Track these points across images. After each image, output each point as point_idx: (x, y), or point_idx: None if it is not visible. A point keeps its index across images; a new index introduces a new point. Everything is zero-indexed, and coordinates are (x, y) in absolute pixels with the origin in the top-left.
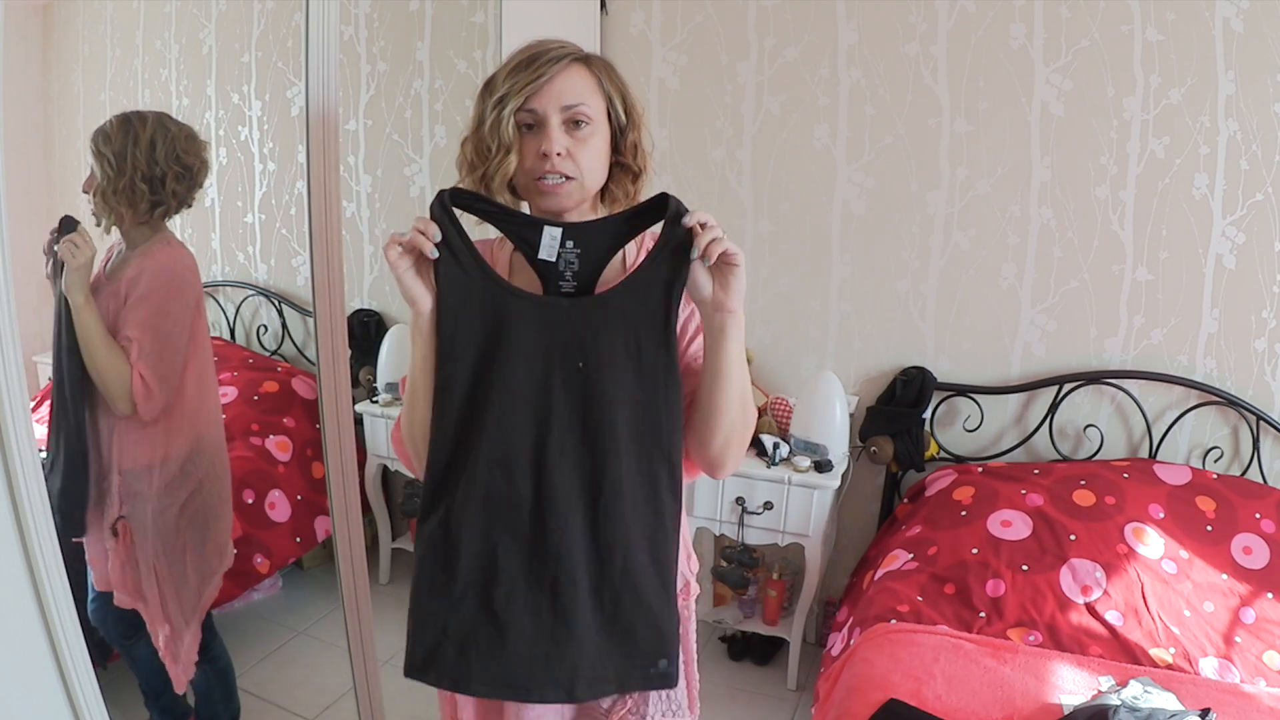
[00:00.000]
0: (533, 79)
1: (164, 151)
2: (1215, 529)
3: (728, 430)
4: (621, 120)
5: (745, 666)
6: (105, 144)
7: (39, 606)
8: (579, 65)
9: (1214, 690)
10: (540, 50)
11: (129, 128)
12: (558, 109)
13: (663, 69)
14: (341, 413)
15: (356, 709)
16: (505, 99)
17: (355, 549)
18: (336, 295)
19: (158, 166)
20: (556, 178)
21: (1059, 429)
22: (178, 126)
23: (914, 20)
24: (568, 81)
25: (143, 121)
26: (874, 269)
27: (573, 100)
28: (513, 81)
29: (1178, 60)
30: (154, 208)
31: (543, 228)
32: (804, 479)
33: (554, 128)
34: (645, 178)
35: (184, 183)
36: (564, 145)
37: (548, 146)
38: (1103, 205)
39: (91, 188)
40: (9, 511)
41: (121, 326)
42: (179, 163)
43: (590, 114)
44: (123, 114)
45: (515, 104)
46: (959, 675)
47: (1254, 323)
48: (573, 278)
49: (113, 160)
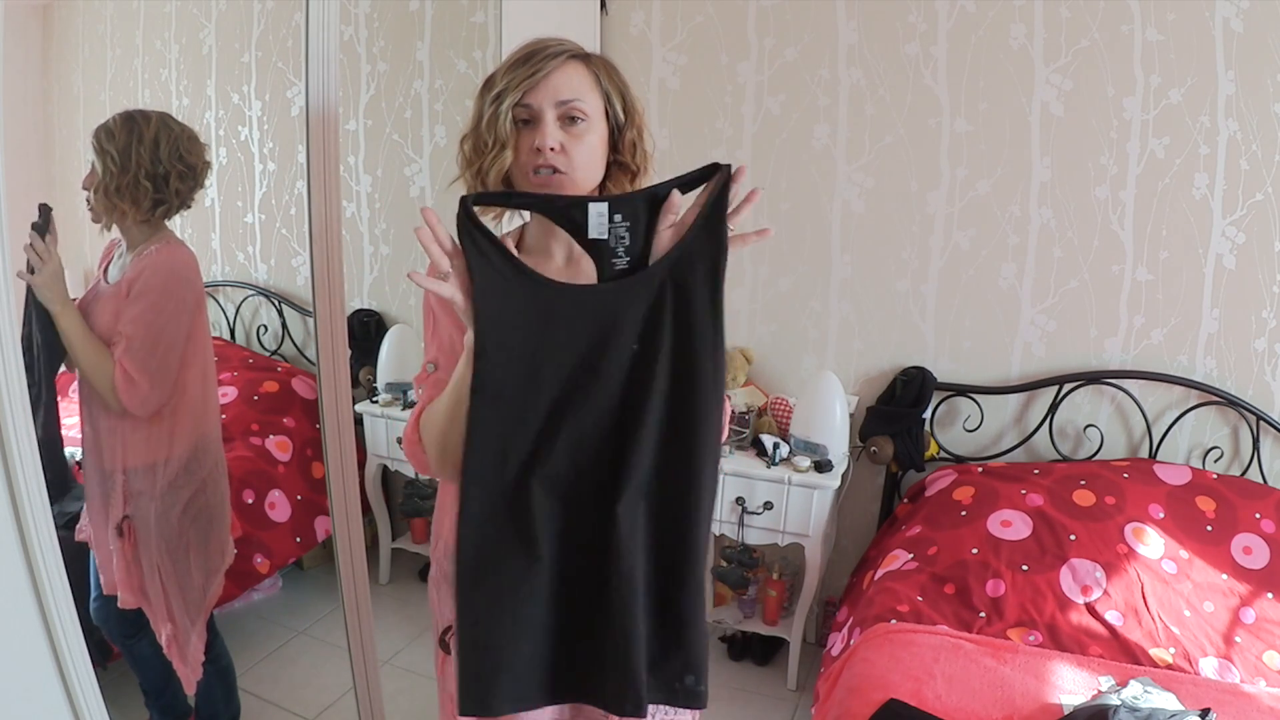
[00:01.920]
0: (529, 75)
1: (167, 150)
2: (1215, 529)
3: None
4: (620, 118)
5: (745, 666)
6: (109, 140)
7: (39, 606)
8: (577, 62)
9: (1214, 690)
10: (539, 47)
11: (133, 125)
12: (553, 104)
13: (663, 69)
14: (341, 413)
15: (356, 709)
16: (502, 95)
17: (355, 549)
18: (336, 295)
19: (161, 165)
20: (548, 171)
21: (1059, 429)
22: (180, 127)
23: (914, 20)
24: (564, 78)
25: (146, 120)
26: (874, 269)
27: (568, 95)
28: (510, 77)
29: (1178, 60)
30: (156, 206)
31: (587, 206)
32: (804, 479)
33: (548, 123)
34: (644, 177)
35: (187, 182)
36: (558, 140)
37: (541, 141)
38: (1103, 205)
39: (92, 184)
40: (9, 511)
41: (116, 322)
42: (182, 161)
43: (586, 110)
44: (126, 112)
45: (512, 99)
46: (959, 675)
47: (1254, 323)
48: (624, 252)
49: (116, 157)
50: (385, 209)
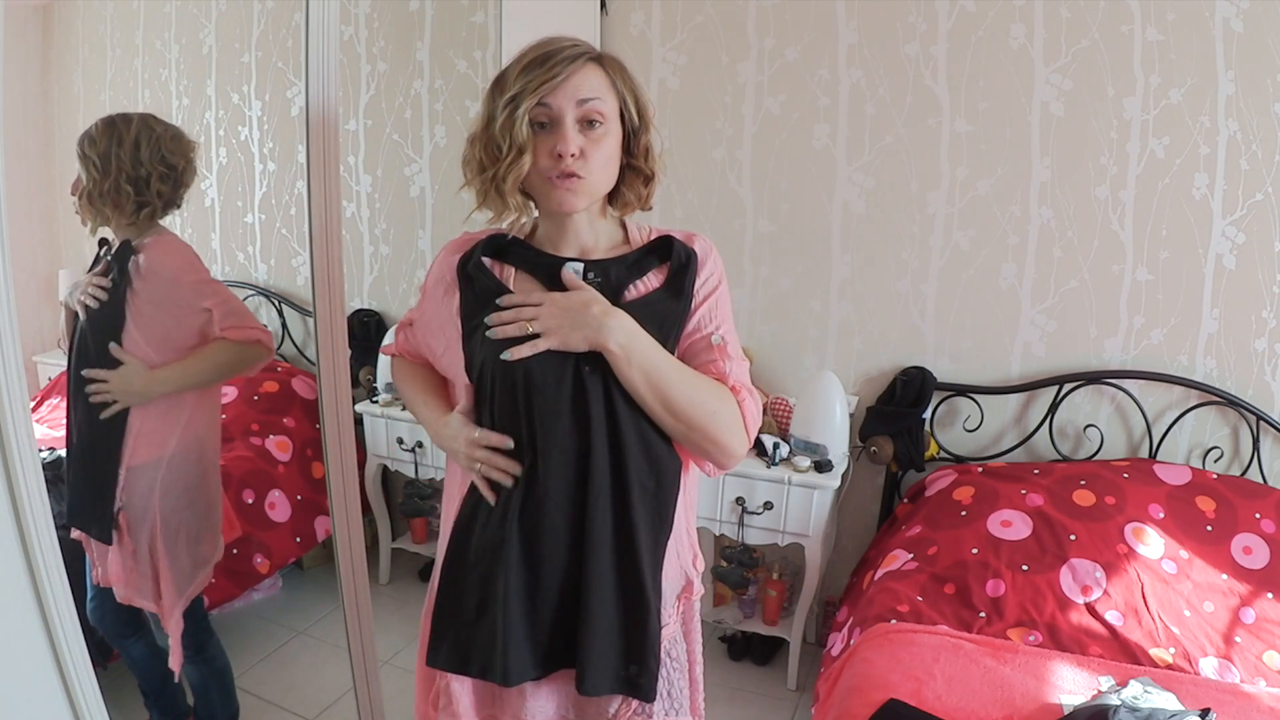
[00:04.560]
0: (548, 77)
1: (148, 152)
2: (1215, 529)
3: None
4: (634, 121)
5: (745, 666)
6: (90, 147)
7: (39, 606)
8: (593, 64)
9: (1214, 690)
10: (554, 48)
11: (113, 130)
12: (573, 105)
13: (663, 69)
14: (341, 413)
15: (356, 709)
16: (519, 97)
17: (355, 549)
18: (336, 295)
19: (142, 167)
20: (567, 176)
21: (1059, 429)
22: (164, 127)
23: (914, 20)
24: (583, 79)
25: (127, 123)
26: (874, 269)
27: (588, 94)
28: (527, 79)
29: (1178, 60)
30: (140, 209)
31: (564, 264)
32: (804, 479)
33: (569, 126)
34: (656, 182)
35: (168, 183)
36: (578, 145)
37: (562, 147)
38: (1103, 205)
39: (77, 191)
40: (9, 511)
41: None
42: (164, 163)
43: (605, 113)
44: (108, 116)
45: (530, 102)
46: (959, 675)
47: (1254, 323)
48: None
49: (98, 162)
50: (385, 209)
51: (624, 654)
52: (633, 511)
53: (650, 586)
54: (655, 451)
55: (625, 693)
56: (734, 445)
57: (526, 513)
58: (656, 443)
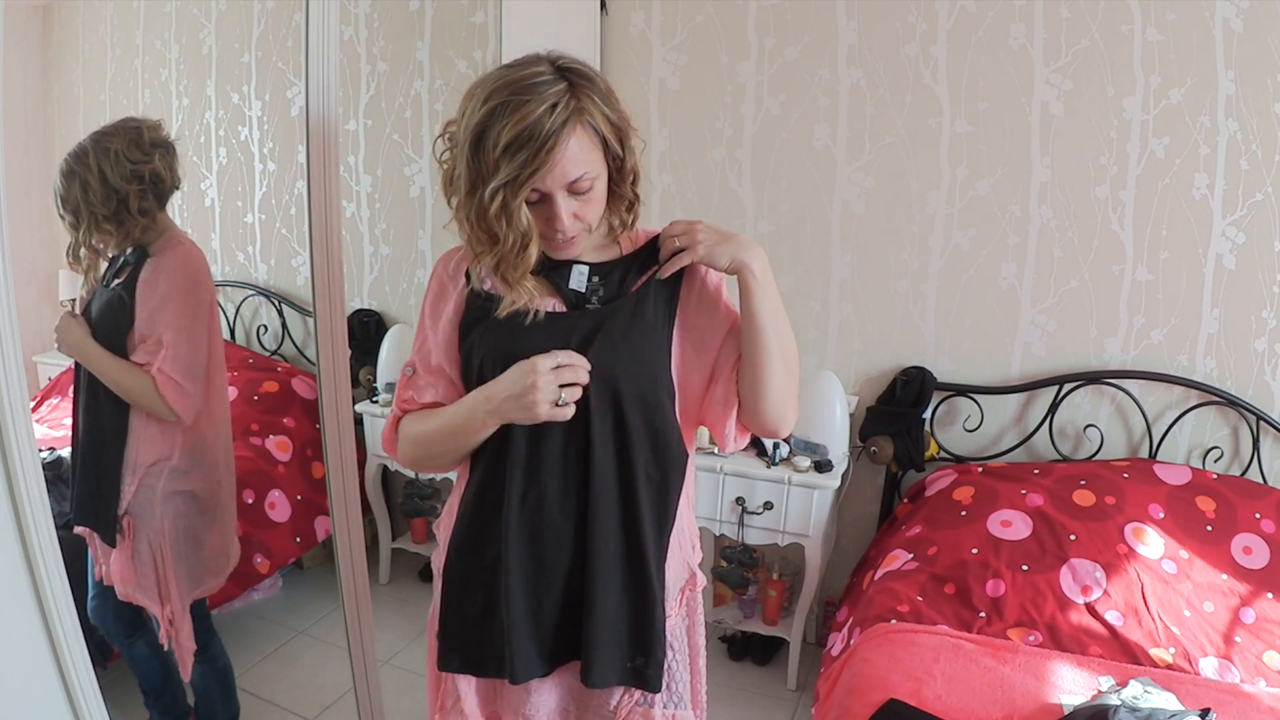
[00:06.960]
0: (536, 166)
1: (115, 175)
2: (1215, 529)
3: (776, 379)
4: (618, 153)
5: (745, 666)
6: (62, 206)
7: (39, 606)
8: (575, 125)
9: (1214, 690)
10: (533, 120)
11: (73, 175)
12: (563, 186)
13: (663, 69)
14: (341, 413)
15: (356, 709)
16: (510, 186)
17: (355, 549)
18: (336, 295)
19: (114, 196)
20: (565, 238)
21: (1059, 429)
22: (118, 137)
23: (914, 20)
24: (571, 155)
25: (83, 160)
26: (874, 269)
27: (577, 173)
28: (513, 167)
29: (1178, 60)
30: (127, 235)
31: (571, 266)
32: (804, 479)
33: (560, 204)
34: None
35: (147, 198)
36: (572, 213)
37: (560, 226)
38: (1103, 205)
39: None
40: (9, 511)
41: (149, 330)
42: (134, 179)
43: (593, 176)
44: (64, 164)
45: (523, 194)
46: (959, 675)
47: (1254, 323)
48: (598, 301)
49: (70, 217)
50: (385, 209)
51: (630, 646)
52: (639, 504)
53: (655, 578)
54: (663, 441)
55: (631, 684)
56: (796, 405)
57: (526, 511)
58: (664, 433)
